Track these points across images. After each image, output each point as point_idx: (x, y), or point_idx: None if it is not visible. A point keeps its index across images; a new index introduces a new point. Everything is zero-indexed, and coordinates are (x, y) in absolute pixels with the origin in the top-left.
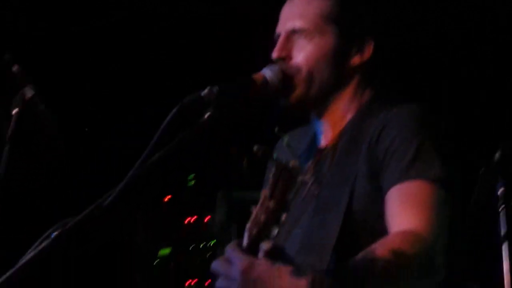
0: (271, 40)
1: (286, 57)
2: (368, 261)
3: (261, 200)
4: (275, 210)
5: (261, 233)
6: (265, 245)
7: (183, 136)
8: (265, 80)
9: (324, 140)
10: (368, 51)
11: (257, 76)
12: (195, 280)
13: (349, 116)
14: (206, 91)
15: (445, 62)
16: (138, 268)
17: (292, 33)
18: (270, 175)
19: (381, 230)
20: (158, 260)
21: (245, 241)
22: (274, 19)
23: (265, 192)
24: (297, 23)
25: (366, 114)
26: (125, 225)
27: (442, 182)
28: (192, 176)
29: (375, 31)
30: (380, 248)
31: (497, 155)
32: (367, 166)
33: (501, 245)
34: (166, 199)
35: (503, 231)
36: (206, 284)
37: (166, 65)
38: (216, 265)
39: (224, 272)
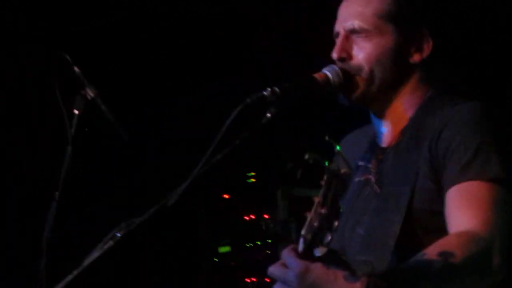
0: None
1: (346, 57)
2: (423, 263)
3: (314, 207)
4: (328, 217)
5: (315, 239)
6: (319, 251)
7: (246, 135)
8: (327, 79)
9: (386, 139)
10: (427, 48)
11: (319, 75)
12: (255, 278)
13: (409, 114)
14: (268, 91)
15: (502, 53)
16: (200, 266)
17: (351, 33)
18: (322, 182)
19: (441, 229)
20: (219, 257)
21: (300, 246)
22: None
23: (317, 199)
24: (356, 23)
25: (426, 112)
26: (187, 223)
27: (501, 181)
28: (252, 173)
29: (433, 28)
30: (436, 250)
31: None
32: (429, 165)
33: None
34: (226, 196)
35: None
36: (266, 281)
37: (166, 65)
38: (273, 269)
39: (281, 276)
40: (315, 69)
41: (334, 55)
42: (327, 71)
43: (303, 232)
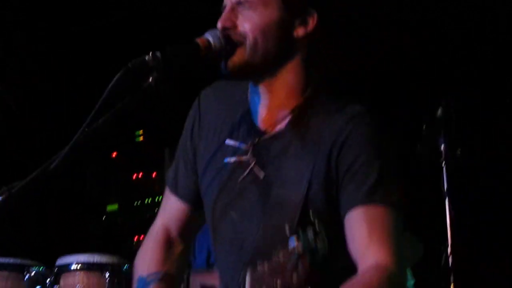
0: None
1: (231, 27)
2: None
3: (272, 263)
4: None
5: None
6: None
7: (128, 100)
8: (208, 44)
9: (263, 120)
10: (312, 23)
11: (201, 40)
12: (143, 236)
13: (293, 102)
14: (150, 55)
15: (387, 25)
16: (88, 223)
17: (237, 4)
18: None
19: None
20: (106, 215)
21: None
22: None
23: (280, 258)
24: None
25: (313, 109)
26: (74, 182)
27: (398, 205)
28: (140, 132)
29: (318, 4)
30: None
31: (439, 111)
32: (325, 176)
33: (444, 200)
34: (114, 155)
35: (445, 186)
36: None
37: None
38: None
39: None
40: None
41: (219, 24)
42: (209, 36)
43: None
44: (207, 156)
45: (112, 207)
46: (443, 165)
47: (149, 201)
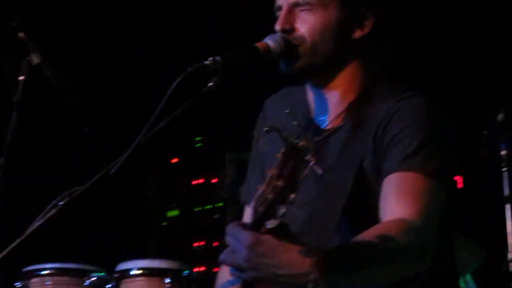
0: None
1: (289, 30)
2: (367, 244)
3: (267, 179)
4: (284, 190)
5: (268, 212)
6: (271, 223)
7: (188, 104)
8: (268, 48)
9: (325, 118)
10: (369, 24)
11: (260, 44)
12: (203, 242)
13: (351, 97)
14: (210, 60)
15: (446, 25)
16: (149, 230)
17: (294, 6)
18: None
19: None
20: (167, 221)
21: (250, 218)
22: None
23: (272, 171)
24: None
25: (367, 101)
26: (135, 189)
27: (439, 177)
28: (199, 137)
29: (374, 5)
30: (378, 233)
31: (500, 116)
32: (373, 154)
33: (505, 206)
34: (174, 161)
35: (506, 192)
36: (214, 245)
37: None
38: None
39: (231, 246)
40: None
41: (277, 27)
42: (269, 40)
43: (254, 204)
44: (272, 160)
45: (172, 213)
46: (504, 170)
47: (210, 207)
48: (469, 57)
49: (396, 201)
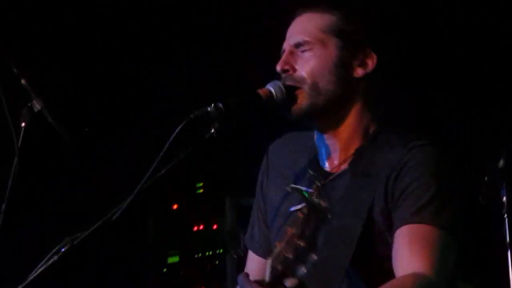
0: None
1: (290, 70)
2: None
3: (286, 237)
4: (304, 250)
5: (287, 271)
6: (290, 282)
7: (190, 150)
8: (270, 95)
9: (330, 162)
10: (371, 63)
11: (262, 91)
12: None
13: (357, 142)
14: (212, 106)
15: (449, 68)
16: (149, 276)
17: (296, 47)
18: (297, 212)
19: (389, 265)
20: (168, 268)
21: (267, 276)
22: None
23: (292, 230)
24: (300, 37)
25: (374, 147)
26: (135, 234)
27: (450, 229)
28: (200, 183)
29: (377, 44)
30: None
31: (501, 161)
32: (383, 203)
33: (507, 252)
34: (174, 207)
35: (508, 238)
36: None
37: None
38: None
39: None
40: None
41: (278, 67)
42: (271, 87)
43: (271, 261)
44: (276, 204)
45: (173, 259)
46: (505, 216)
47: (210, 253)
48: (468, 102)
49: (410, 254)
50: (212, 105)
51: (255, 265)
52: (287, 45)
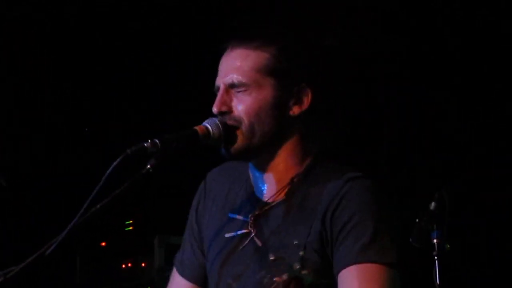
0: None
1: (227, 111)
2: None
3: None
4: None
5: None
6: None
7: (126, 186)
8: (207, 132)
9: (266, 193)
10: (307, 101)
11: (200, 128)
12: None
13: (292, 172)
14: (149, 142)
15: (385, 110)
16: None
17: (231, 87)
18: (274, 278)
19: None
20: None
21: None
22: None
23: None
24: (235, 77)
25: (311, 178)
26: (63, 270)
27: (395, 265)
28: (129, 221)
29: (312, 81)
30: None
31: (432, 205)
32: (318, 237)
33: None
34: (103, 244)
35: (437, 280)
36: None
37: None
38: None
39: None
40: None
41: (214, 109)
42: (208, 124)
43: None
44: (212, 233)
45: None
46: (435, 258)
47: None
48: (400, 145)
49: None
50: (149, 140)
51: (180, 287)
52: (221, 83)
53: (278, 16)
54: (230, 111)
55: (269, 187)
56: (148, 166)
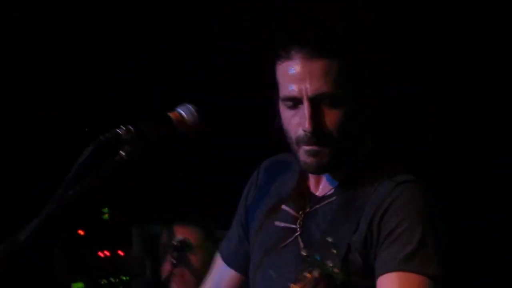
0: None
1: (320, 130)
2: None
3: (306, 282)
4: None
5: None
6: None
7: (99, 173)
8: (181, 118)
9: (320, 189)
10: (375, 98)
11: (173, 114)
12: None
13: (343, 171)
14: (123, 129)
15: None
16: None
17: (319, 100)
18: (305, 273)
19: None
20: None
21: None
22: None
23: (311, 277)
24: (324, 89)
25: (362, 177)
26: (40, 258)
27: (436, 278)
28: (107, 209)
29: (376, 83)
30: None
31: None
32: (363, 240)
33: None
34: (81, 232)
35: None
36: None
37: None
38: None
39: None
40: None
41: (308, 127)
42: (181, 111)
43: None
44: (260, 221)
45: (77, 285)
46: None
47: (116, 280)
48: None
49: None
50: (123, 127)
51: (226, 277)
52: (303, 94)
53: (277, 16)
54: (322, 129)
55: (322, 184)
56: (122, 153)
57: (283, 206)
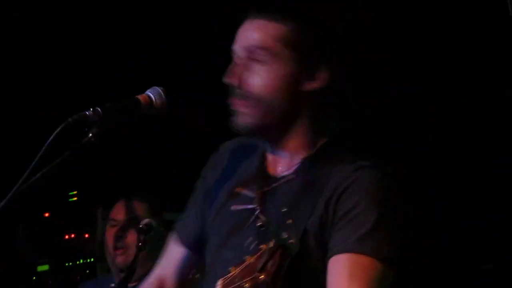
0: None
1: (240, 85)
2: None
3: (243, 265)
4: (266, 285)
5: None
6: None
7: (67, 154)
8: (150, 101)
9: (278, 170)
10: (323, 78)
11: (142, 97)
12: None
13: (303, 153)
14: (91, 111)
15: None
16: (18, 284)
17: (249, 53)
18: (261, 246)
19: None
20: (37, 276)
21: None
22: None
23: (251, 259)
24: (255, 43)
25: (323, 159)
26: (4, 241)
27: (389, 261)
28: (74, 192)
29: (330, 61)
30: None
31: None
32: (319, 221)
33: None
34: (46, 214)
35: None
36: None
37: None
38: None
39: None
40: None
41: (227, 80)
42: (150, 93)
43: (221, 284)
44: (218, 204)
45: (42, 268)
46: None
47: (81, 262)
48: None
49: (345, 284)
50: (91, 109)
51: (176, 255)
52: (238, 50)
53: None
54: (242, 84)
55: (280, 165)
56: (89, 135)
57: (240, 189)
